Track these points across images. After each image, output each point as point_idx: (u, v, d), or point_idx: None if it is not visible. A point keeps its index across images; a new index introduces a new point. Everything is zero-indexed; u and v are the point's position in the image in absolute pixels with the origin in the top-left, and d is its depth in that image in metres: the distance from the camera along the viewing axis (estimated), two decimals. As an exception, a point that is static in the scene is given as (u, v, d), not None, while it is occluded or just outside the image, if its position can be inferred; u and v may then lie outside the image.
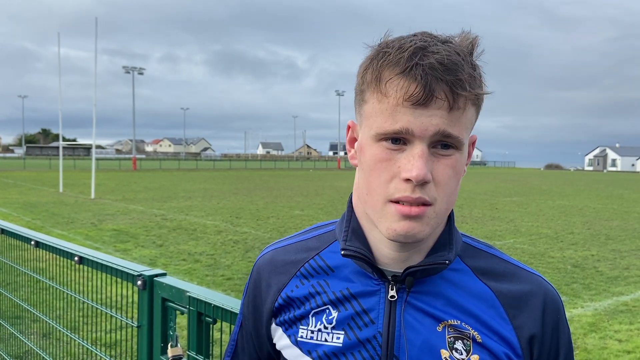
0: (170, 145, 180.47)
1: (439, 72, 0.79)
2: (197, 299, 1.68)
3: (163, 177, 40.22)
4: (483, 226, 14.74)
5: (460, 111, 0.82)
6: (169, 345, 1.87)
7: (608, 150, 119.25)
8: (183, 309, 1.78)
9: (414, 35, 0.85)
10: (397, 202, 0.84)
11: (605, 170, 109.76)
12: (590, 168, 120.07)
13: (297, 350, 0.96)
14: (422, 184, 0.81)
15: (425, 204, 0.83)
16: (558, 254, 10.78)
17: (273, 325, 1.01)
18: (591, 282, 8.38)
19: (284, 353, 0.99)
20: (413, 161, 0.81)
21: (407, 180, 0.82)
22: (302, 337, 0.95)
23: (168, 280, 1.89)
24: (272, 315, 1.01)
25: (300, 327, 0.96)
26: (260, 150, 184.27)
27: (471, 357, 0.87)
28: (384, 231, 0.86)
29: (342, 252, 0.92)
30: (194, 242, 11.23)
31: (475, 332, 0.89)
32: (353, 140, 0.95)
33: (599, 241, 12.53)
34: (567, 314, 6.55)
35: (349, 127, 0.96)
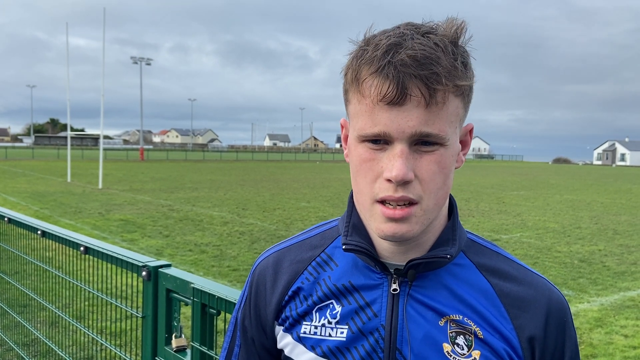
0: (177, 136, 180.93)
1: (411, 69, 0.77)
2: (201, 291, 1.68)
3: (170, 168, 40.35)
4: (490, 220, 14.69)
5: (440, 106, 0.80)
6: (173, 335, 1.89)
7: (617, 145, 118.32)
8: (187, 300, 1.78)
9: (397, 27, 0.83)
10: (383, 202, 0.84)
11: (614, 165, 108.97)
12: (599, 162, 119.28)
13: (300, 347, 0.94)
14: (403, 183, 0.81)
15: (411, 202, 0.83)
16: (565, 248, 10.73)
17: (276, 327, 0.99)
18: (598, 277, 8.34)
19: (286, 351, 0.96)
20: (393, 161, 0.80)
21: (389, 180, 0.81)
22: (305, 332, 0.94)
23: (172, 271, 1.90)
24: (277, 316, 0.98)
25: (304, 323, 0.95)
26: (267, 142, 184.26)
27: (472, 353, 0.88)
28: (374, 230, 0.87)
29: (344, 247, 0.92)
30: (201, 233, 11.27)
31: (477, 328, 0.89)
32: (347, 138, 0.95)
33: (606, 236, 12.46)
34: (573, 309, 6.53)
35: (342, 126, 0.96)
